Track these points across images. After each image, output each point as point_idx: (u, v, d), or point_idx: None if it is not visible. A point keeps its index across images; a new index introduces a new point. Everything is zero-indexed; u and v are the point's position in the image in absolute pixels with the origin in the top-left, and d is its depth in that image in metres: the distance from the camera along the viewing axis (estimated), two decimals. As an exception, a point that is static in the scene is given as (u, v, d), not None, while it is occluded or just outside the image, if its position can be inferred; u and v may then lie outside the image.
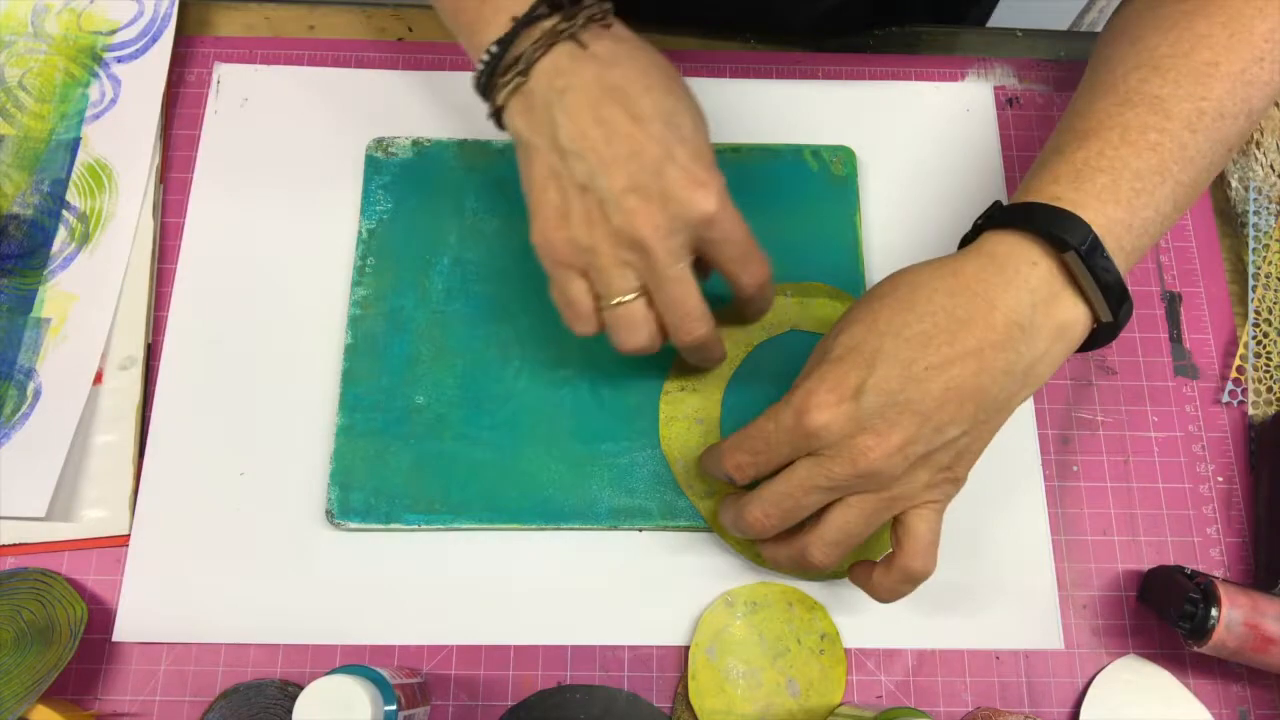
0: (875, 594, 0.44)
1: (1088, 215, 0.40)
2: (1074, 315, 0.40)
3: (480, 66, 0.43)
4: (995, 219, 0.42)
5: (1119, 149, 0.41)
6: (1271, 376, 0.53)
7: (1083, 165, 0.41)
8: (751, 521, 0.42)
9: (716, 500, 0.49)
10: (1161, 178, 0.41)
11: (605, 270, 0.42)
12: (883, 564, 0.43)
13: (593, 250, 0.42)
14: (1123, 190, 0.41)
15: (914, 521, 0.42)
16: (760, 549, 0.46)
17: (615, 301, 0.43)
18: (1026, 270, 0.40)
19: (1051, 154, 0.43)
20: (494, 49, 0.42)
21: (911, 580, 0.42)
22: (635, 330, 0.43)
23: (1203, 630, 0.44)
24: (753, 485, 0.43)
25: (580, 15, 0.42)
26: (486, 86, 0.43)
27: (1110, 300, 0.40)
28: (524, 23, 0.42)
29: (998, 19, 0.71)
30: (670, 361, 0.52)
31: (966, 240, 0.44)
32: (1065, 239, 0.39)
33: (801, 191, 0.56)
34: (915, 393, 0.39)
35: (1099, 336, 0.42)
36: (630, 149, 0.41)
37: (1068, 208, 0.40)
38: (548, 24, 0.42)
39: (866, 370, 0.39)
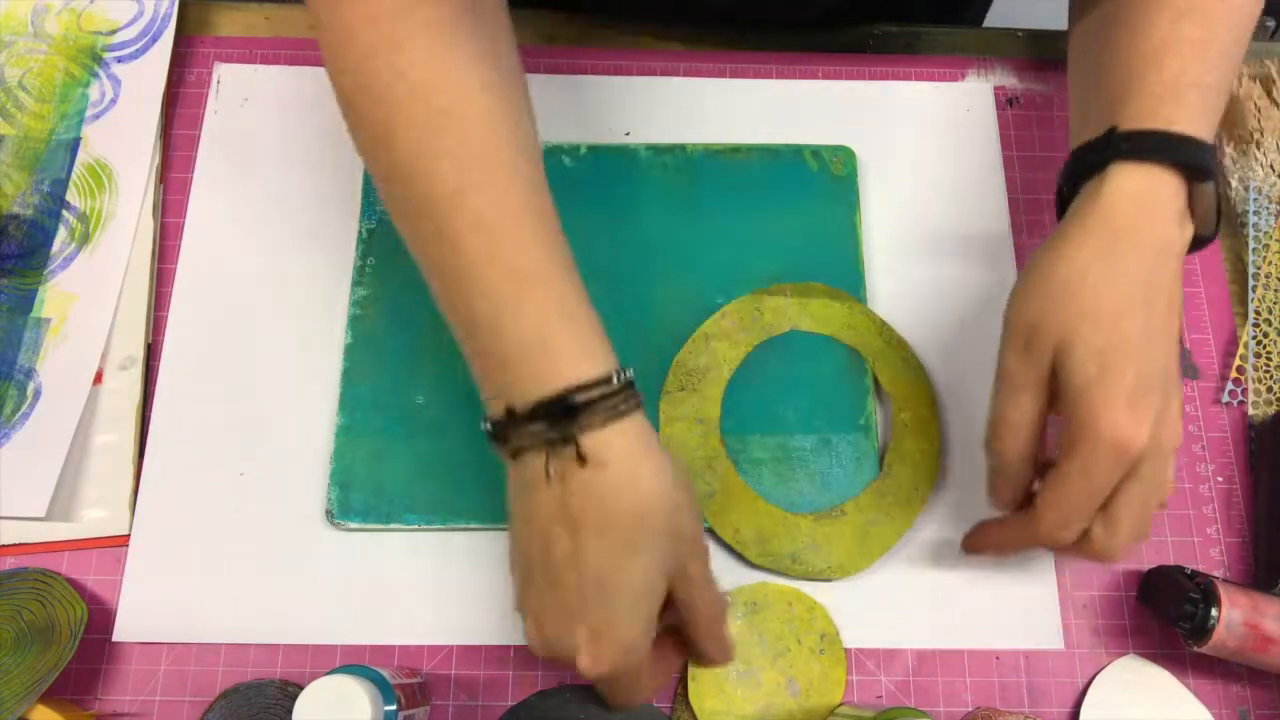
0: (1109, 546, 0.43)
1: (1203, 135, 0.42)
2: (1189, 234, 0.43)
3: (501, 415, 0.39)
4: (1116, 150, 0.42)
5: (1189, 64, 0.43)
6: (1271, 376, 0.53)
7: (1170, 85, 0.42)
8: (1061, 535, 0.42)
9: (717, 501, 0.49)
10: (1220, 93, 0.44)
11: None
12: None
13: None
14: (1210, 101, 0.43)
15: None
16: (989, 542, 0.47)
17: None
18: (1169, 202, 0.41)
19: (1128, 74, 0.44)
20: (489, 427, 0.40)
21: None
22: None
23: (1203, 630, 0.44)
24: None
25: (565, 432, 0.37)
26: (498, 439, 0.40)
27: (1216, 218, 0.43)
28: (512, 421, 0.38)
29: (999, 19, 0.71)
30: (670, 363, 0.52)
31: (1077, 169, 0.44)
32: (1206, 167, 0.41)
33: (801, 191, 0.56)
34: (1165, 360, 0.41)
35: (1191, 245, 0.44)
36: (549, 580, 0.39)
37: (1189, 133, 0.41)
38: (535, 428, 0.38)
39: (1129, 362, 0.40)
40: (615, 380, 0.38)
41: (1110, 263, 0.41)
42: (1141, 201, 0.41)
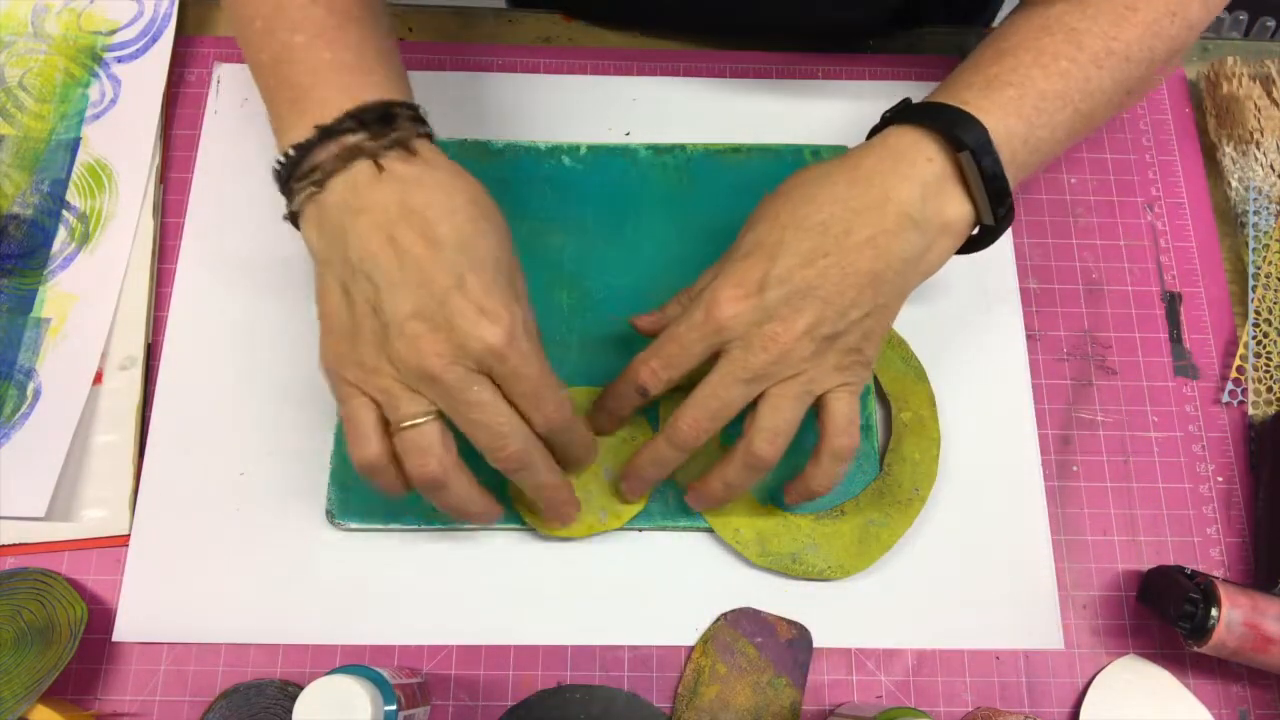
0: (814, 485, 0.45)
1: (989, 121, 0.43)
2: (960, 213, 0.44)
3: (277, 166, 0.42)
4: (901, 115, 0.45)
5: (1030, 69, 0.44)
6: (1271, 376, 0.53)
7: (994, 78, 0.44)
8: (685, 430, 0.44)
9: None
10: (1063, 103, 0.44)
11: (391, 393, 0.40)
12: (811, 457, 0.45)
13: (378, 372, 0.40)
14: (1026, 106, 0.44)
15: (833, 404, 0.44)
16: (695, 494, 0.47)
17: (403, 425, 0.40)
18: (922, 165, 0.43)
19: (969, 64, 0.46)
20: (292, 152, 0.41)
21: (840, 458, 0.44)
22: (425, 456, 0.40)
23: (1203, 630, 0.44)
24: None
25: (388, 138, 0.40)
26: (285, 187, 0.42)
27: (994, 202, 0.43)
28: (325, 134, 0.40)
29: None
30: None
31: (873, 133, 0.46)
32: (962, 138, 0.42)
33: (801, 191, 0.56)
34: (816, 280, 0.42)
35: (982, 239, 0.46)
36: (420, 275, 0.39)
37: (972, 112, 0.43)
38: (351, 140, 0.40)
39: (769, 262, 0.42)
40: (421, 110, 0.43)
41: (828, 186, 0.43)
42: (892, 153, 0.44)
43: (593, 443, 0.47)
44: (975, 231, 0.45)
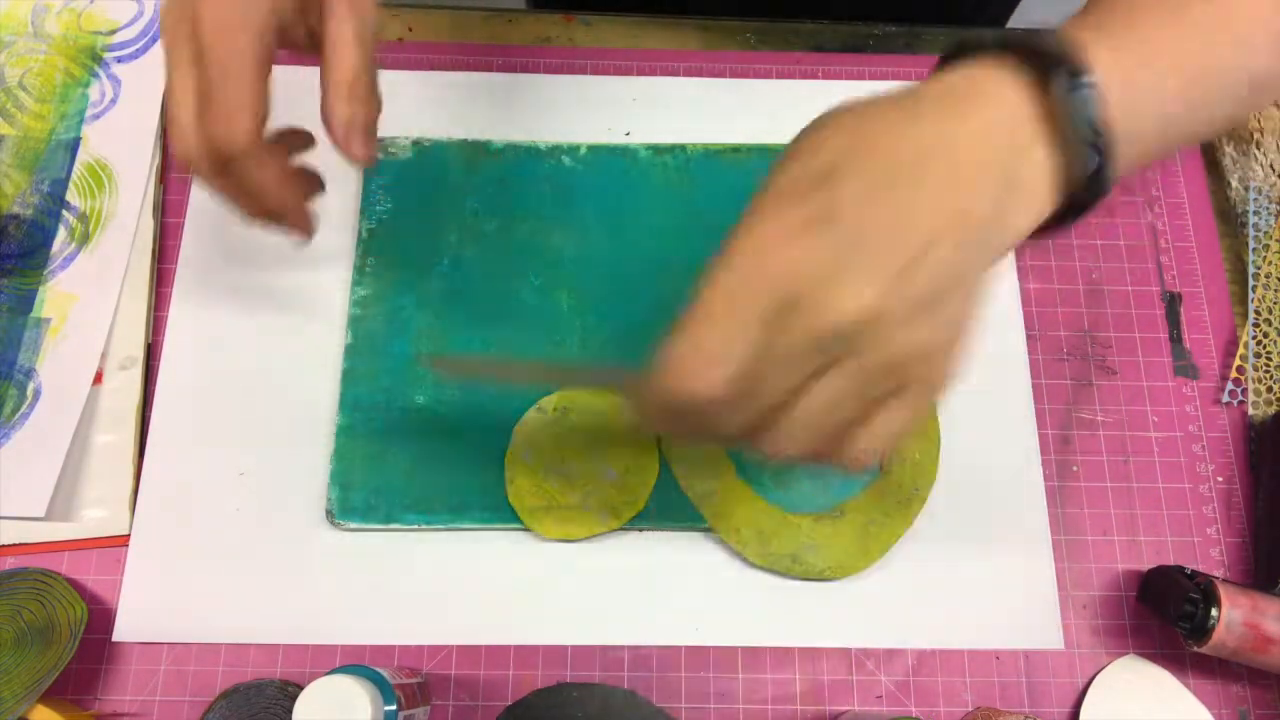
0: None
1: (1099, 56, 0.32)
2: (1043, 171, 0.32)
3: None
4: (993, 41, 0.34)
5: (1165, 23, 0.34)
6: (1271, 376, 0.53)
7: (1110, 14, 0.34)
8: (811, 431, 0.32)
9: (717, 501, 0.49)
10: (1177, 64, 0.34)
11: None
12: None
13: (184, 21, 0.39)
14: (1153, 61, 0.33)
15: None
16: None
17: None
18: (1001, 103, 0.32)
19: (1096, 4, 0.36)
20: None
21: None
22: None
23: (1203, 630, 0.44)
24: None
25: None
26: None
27: (1093, 157, 0.32)
28: None
29: (1022, 23, 0.71)
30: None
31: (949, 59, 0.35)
32: (1048, 64, 0.31)
33: (801, 191, 0.56)
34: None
35: (1069, 213, 0.34)
36: None
37: (1072, 44, 0.32)
38: None
39: (832, 198, 0.31)
40: None
41: (885, 120, 0.32)
42: (961, 85, 0.32)
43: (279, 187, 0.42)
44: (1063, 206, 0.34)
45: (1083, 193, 0.33)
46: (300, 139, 0.46)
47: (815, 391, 0.31)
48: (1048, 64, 0.31)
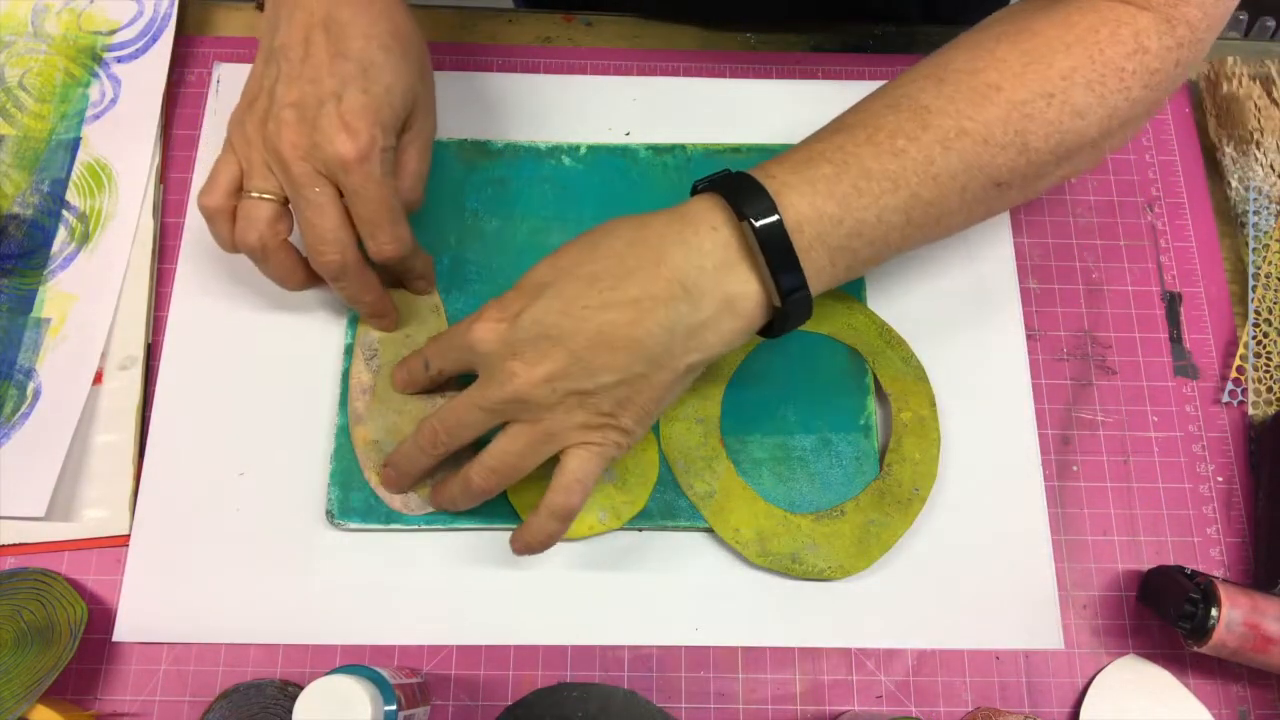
0: (527, 537, 0.44)
1: (789, 198, 0.40)
2: (745, 290, 0.41)
3: None
4: (710, 184, 0.43)
5: (861, 146, 0.41)
6: (1271, 376, 0.53)
7: (817, 154, 0.41)
8: (424, 436, 0.45)
9: (717, 501, 0.49)
10: (894, 185, 0.41)
11: (253, 163, 0.45)
12: (533, 509, 0.44)
13: (250, 143, 0.45)
14: (843, 185, 0.40)
15: (566, 458, 0.43)
16: (433, 492, 0.48)
17: (249, 194, 0.45)
18: (706, 233, 0.41)
19: (804, 140, 0.44)
20: None
21: (555, 516, 0.43)
22: (250, 226, 0.45)
23: (1203, 630, 0.44)
24: None
25: None
26: None
27: (780, 284, 0.40)
28: None
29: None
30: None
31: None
32: (743, 209, 0.40)
33: (801, 191, 0.56)
34: (569, 328, 0.41)
35: (774, 325, 0.43)
36: (313, 74, 0.44)
37: (771, 186, 0.40)
38: None
39: (530, 299, 0.42)
40: None
41: (611, 239, 0.42)
42: (680, 218, 0.42)
43: (429, 272, 0.51)
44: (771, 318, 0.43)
45: (785, 308, 0.41)
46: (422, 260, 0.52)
47: (500, 439, 0.43)
48: (740, 200, 0.40)
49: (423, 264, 0.50)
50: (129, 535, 0.49)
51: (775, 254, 0.40)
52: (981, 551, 0.50)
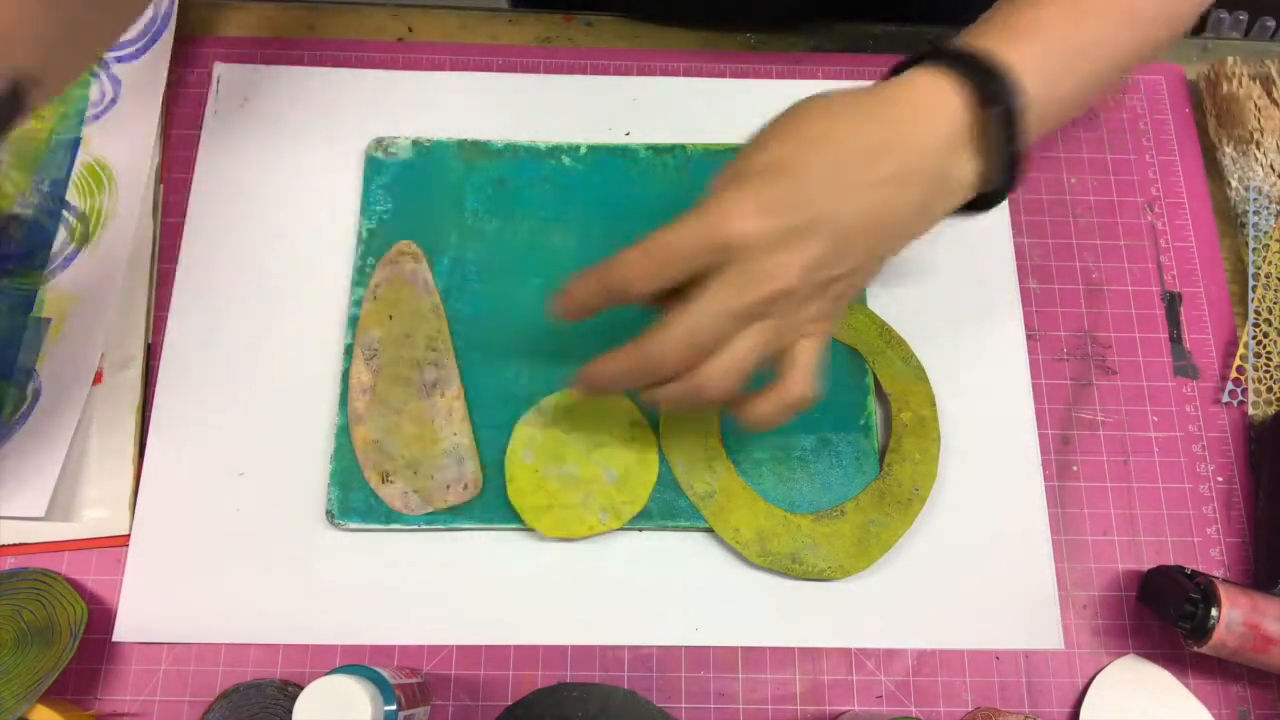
0: (751, 420, 0.41)
1: (1025, 81, 0.39)
2: (968, 171, 0.40)
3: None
4: (930, 57, 0.41)
5: (1057, 23, 0.41)
6: (1271, 376, 0.53)
7: (1019, 26, 0.41)
8: (659, 356, 0.39)
9: (717, 501, 0.49)
10: (1094, 60, 0.42)
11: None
12: (761, 393, 0.41)
13: None
14: (1057, 63, 0.41)
15: (799, 351, 0.40)
16: (644, 393, 0.43)
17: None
18: (947, 114, 0.39)
19: (1000, 9, 0.43)
20: None
21: (792, 407, 0.41)
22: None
23: (1203, 630, 0.44)
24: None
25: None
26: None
27: (1011, 170, 0.40)
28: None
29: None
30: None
31: (902, 67, 0.42)
32: (997, 93, 0.38)
33: (801, 191, 0.56)
34: (839, 210, 0.38)
35: (979, 203, 0.42)
36: None
37: (1006, 66, 0.39)
38: None
39: (792, 180, 0.37)
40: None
41: (853, 113, 0.39)
42: (917, 96, 0.40)
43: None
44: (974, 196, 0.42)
45: (996, 189, 0.41)
46: None
47: (737, 339, 0.39)
48: (985, 84, 0.39)
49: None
50: (129, 535, 0.49)
51: (1011, 141, 0.39)
52: (981, 551, 0.50)
